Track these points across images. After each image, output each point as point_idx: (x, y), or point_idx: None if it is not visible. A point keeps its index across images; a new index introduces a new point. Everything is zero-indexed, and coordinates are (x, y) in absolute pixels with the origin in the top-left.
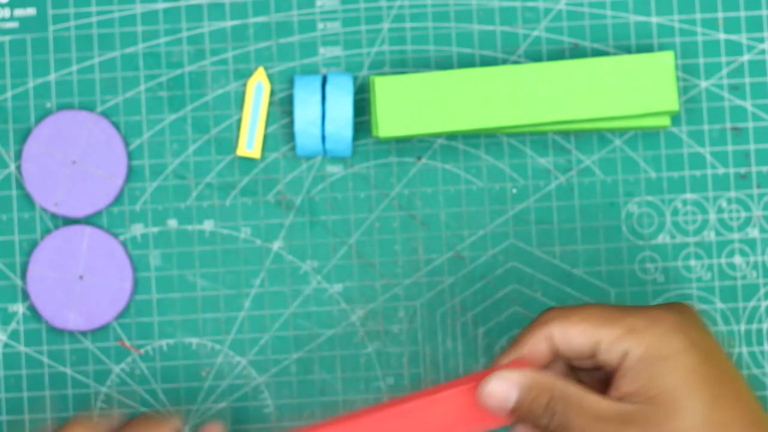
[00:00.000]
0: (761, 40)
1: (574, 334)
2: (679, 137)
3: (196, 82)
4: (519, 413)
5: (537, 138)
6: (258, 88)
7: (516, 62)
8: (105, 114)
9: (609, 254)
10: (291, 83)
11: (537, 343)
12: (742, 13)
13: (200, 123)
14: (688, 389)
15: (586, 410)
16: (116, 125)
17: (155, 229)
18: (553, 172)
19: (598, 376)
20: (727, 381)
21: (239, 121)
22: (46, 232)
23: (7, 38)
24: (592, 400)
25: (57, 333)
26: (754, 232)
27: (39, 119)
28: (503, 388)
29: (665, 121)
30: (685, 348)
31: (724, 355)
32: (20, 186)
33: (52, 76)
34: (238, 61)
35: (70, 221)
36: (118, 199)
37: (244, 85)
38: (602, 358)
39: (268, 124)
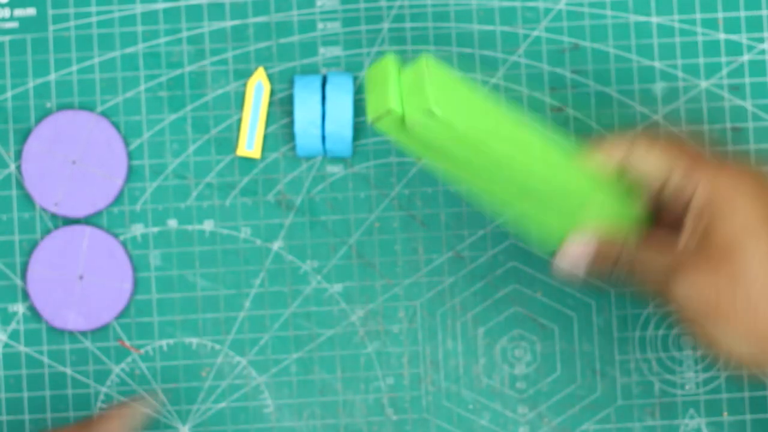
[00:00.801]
0: (761, 40)
1: (654, 156)
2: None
3: (196, 82)
4: (601, 247)
5: None
6: (258, 88)
7: (516, 62)
8: (105, 114)
9: None
10: (291, 83)
11: (617, 146)
12: (742, 13)
13: (200, 123)
14: (752, 233)
15: (652, 248)
16: (116, 125)
17: (155, 229)
18: None
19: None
20: None
21: (239, 121)
22: (46, 232)
23: (7, 38)
24: (656, 243)
25: (57, 333)
26: None
27: (39, 119)
28: (581, 246)
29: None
30: (752, 195)
31: None
32: (20, 186)
33: (52, 76)
34: (238, 61)
35: (70, 221)
36: (118, 199)
37: (244, 85)
38: (671, 189)
39: (268, 124)
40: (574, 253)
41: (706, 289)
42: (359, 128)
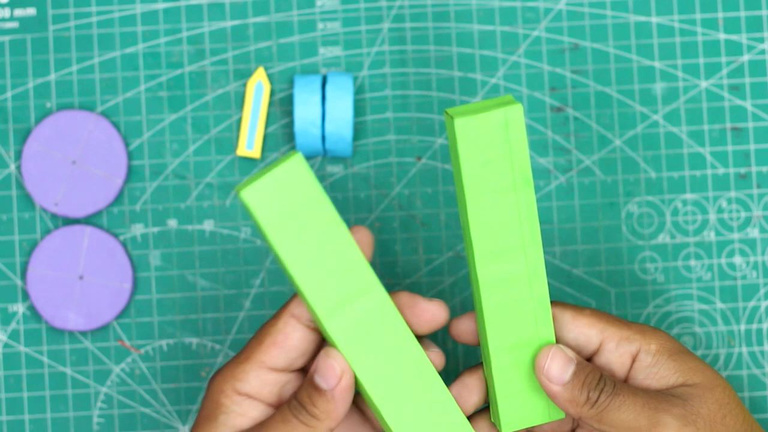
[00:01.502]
0: (761, 40)
1: (583, 325)
2: (679, 137)
3: (196, 82)
4: (573, 385)
5: (537, 138)
6: (258, 88)
7: (516, 62)
8: (105, 114)
9: (609, 254)
10: (291, 83)
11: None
12: (742, 13)
13: (200, 123)
14: (714, 374)
15: (631, 386)
16: (116, 125)
17: (155, 229)
18: (553, 172)
19: None
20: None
21: (239, 121)
22: (46, 232)
23: (7, 38)
24: (635, 382)
25: (57, 333)
26: (754, 232)
27: (39, 119)
28: (562, 359)
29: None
30: (686, 348)
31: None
32: (20, 186)
33: (52, 76)
34: (238, 61)
35: (70, 221)
36: (118, 199)
37: (244, 85)
38: (607, 357)
39: (268, 124)
40: (555, 368)
41: (688, 425)
42: (359, 128)
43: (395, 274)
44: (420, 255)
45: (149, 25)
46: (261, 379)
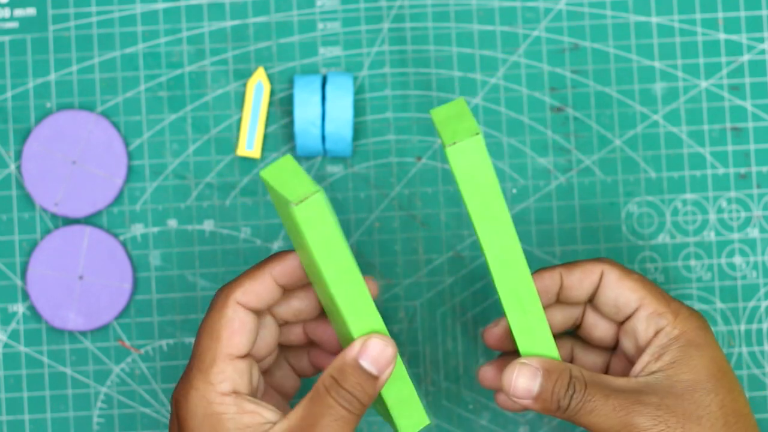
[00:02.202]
0: (761, 40)
1: (627, 287)
2: (679, 137)
3: (196, 82)
4: (543, 397)
5: (537, 138)
6: (258, 88)
7: (516, 62)
8: (105, 114)
9: (609, 254)
10: (291, 83)
11: (589, 273)
12: (742, 13)
13: (200, 123)
14: (713, 376)
15: (604, 386)
16: (116, 125)
17: (155, 229)
18: (553, 172)
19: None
20: (738, 384)
21: (239, 121)
22: (46, 232)
23: (7, 38)
24: (608, 378)
25: (57, 333)
26: (754, 232)
27: (39, 119)
28: (527, 375)
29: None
30: (713, 343)
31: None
32: (20, 186)
33: (52, 76)
34: (238, 61)
35: (70, 221)
36: (118, 199)
37: (244, 85)
38: (635, 324)
39: (268, 124)
40: (522, 385)
41: (659, 424)
42: (359, 128)
43: (395, 274)
44: (420, 255)
45: (149, 25)
46: (235, 371)
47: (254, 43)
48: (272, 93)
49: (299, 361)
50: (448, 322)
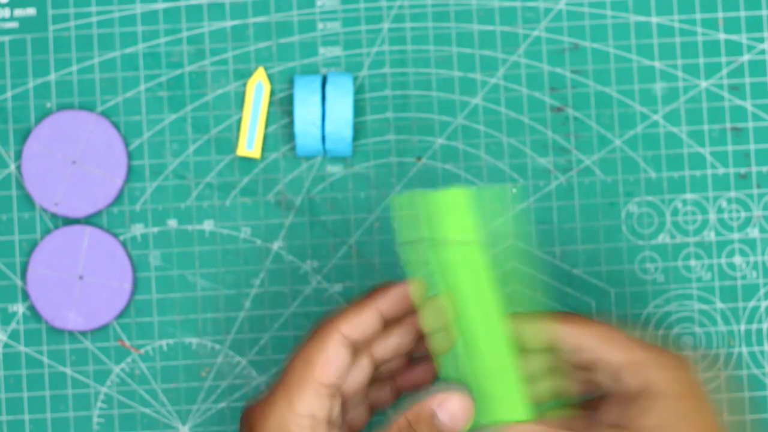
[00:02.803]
0: (761, 40)
1: (589, 333)
2: (679, 137)
3: (196, 82)
4: None
5: (537, 138)
6: (258, 88)
7: (516, 62)
8: (105, 114)
9: (609, 254)
10: (291, 83)
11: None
12: (742, 13)
13: (200, 123)
14: (677, 428)
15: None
16: (116, 125)
17: (155, 229)
18: (553, 172)
19: None
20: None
21: (239, 121)
22: (46, 232)
23: (7, 38)
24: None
25: (57, 333)
26: (754, 232)
27: (39, 119)
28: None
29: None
30: (682, 389)
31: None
32: (20, 186)
33: (52, 76)
34: (238, 61)
35: (70, 221)
36: (118, 199)
37: (244, 85)
38: (623, 380)
39: (268, 124)
40: None
41: None
42: (359, 128)
43: (395, 274)
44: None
45: (149, 25)
46: (318, 397)
47: (254, 43)
48: (272, 93)
49: (378, 391)
50: None
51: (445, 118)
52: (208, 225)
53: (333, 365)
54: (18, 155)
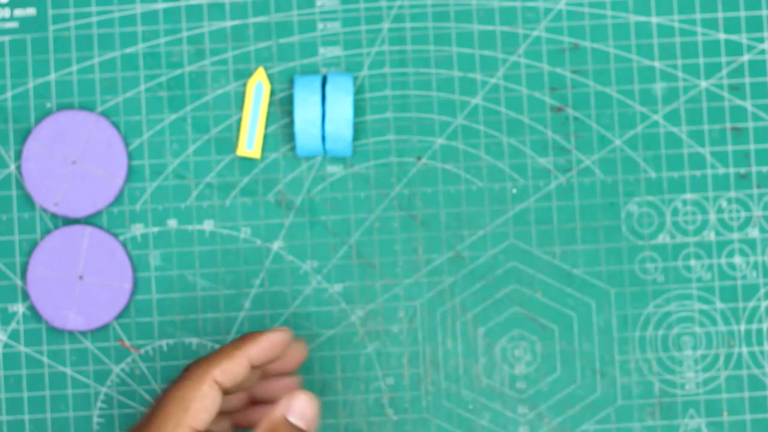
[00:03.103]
0: (761, 40)
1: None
2: (679, 137)
3: (196, 82)
4: None
5: (537, 138)
6: (258, 88)
7: (516, 62)
8: (105, 114)
9: (609, 254)
10: (291, 83)
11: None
12: (742, 13)
13: (200, 123)
14: None
15: None
16: (116, 125)
17: (155, 229)
18: (553, 172)
19: None
20: None
21: (239, 121)
22: (46, 232)
23: (7, 38)
24: None
25: (57, 333)
26: (754, 232)
27: (39, 119)
28: None
29: None
30: None
31: None
32: (20, 186)
33: (52, 76)
34: (238, 61)
35: (70, 221)
36: (118, 199)
37: (244, 85)
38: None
39: (268, 124)
40: None
41: None
42: (359, 128)
43: (395, 274)
44: (420, 255)
45: (149, 25)
46: None
47: (254, 43)
48: (272, 93)
49: (215, 425)
50: (448, 322)
51: (445, 118)
52: (208, 225)
53: (206, 412)
54: (18, 155)
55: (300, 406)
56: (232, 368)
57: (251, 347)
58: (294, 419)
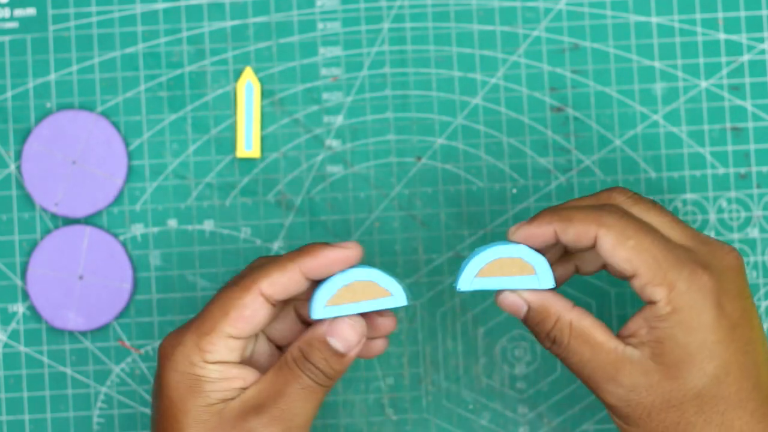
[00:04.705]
0: (761, 40)
1: (620, 257)
2: (679, 137)
3: (196, 82)
4: (529, 327)
5: (537, 138)
6: (248, 88)
7: (516, 62)
8: (105, 114)
9: None
10: (291, 83)
11: (584, 235)
12: (742, 13)
13: (200, 123)
14: (702, 361)
15: (588, 344)
16: (116, 125)
17: (155, 229)
18: (553, 172)
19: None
20: (742, 357)
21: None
22: (46, 232)
23: (7, 38)
24: (598, 336)
25: (57, 333)
26: (754, 232)
27: (39, 119)
28: (516, 301)
29: None
30: (713, 323)
31: (752, 325)
32: (20, 186)
33: (52, 76)
34: (238, 61)
35: (70, 221)
36: (118, 199)
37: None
38: (631, 284)
39: (268, 124)
40: (510, 302)
41: (649, 396)
42: (359, 128)
43: (395, 274)
44: (420, 255)
45: (149, 25)
46: (227, 347)
47: (254, 43)
48: (272, 93)
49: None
50: (448, 322)
51: (445, 118)
52: (208, 225)
53: (245, 322)
54: (18, 155)
55: (341, 329)
56: (282, 281)
57: (307, 260)
58: (333, 341)
